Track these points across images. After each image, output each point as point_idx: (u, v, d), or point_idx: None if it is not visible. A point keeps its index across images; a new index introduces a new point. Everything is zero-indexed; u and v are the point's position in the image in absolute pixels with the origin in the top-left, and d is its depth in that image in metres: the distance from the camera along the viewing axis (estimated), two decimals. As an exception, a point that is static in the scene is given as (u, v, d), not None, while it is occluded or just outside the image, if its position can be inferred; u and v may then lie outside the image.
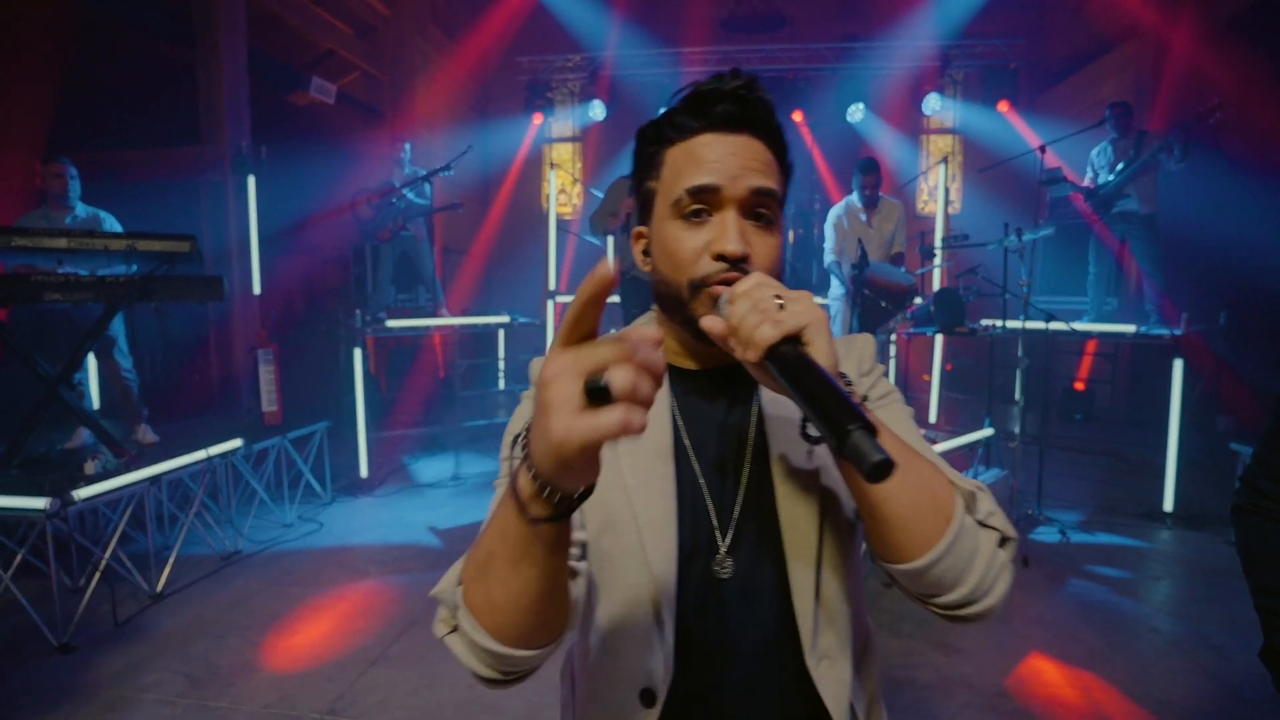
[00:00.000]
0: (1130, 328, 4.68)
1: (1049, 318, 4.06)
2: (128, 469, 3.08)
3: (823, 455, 0.75)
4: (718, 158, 0.71)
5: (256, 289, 5.28)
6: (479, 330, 6.14)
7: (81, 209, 3.86)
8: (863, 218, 4.64)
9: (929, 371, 5.76)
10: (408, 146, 5.85)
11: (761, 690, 0.74)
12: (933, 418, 5.40)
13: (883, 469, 0.51)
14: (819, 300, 4.45)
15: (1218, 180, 5.33)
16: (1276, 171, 5.21)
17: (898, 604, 3.15)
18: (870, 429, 0.52)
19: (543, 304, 5.99)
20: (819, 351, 0.59)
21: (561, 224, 7.64)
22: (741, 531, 0.75)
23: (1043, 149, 4.75)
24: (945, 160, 5.74)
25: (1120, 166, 4.90)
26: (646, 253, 0.79)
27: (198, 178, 5.07)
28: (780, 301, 0.61)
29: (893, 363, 5.52)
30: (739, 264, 0.70)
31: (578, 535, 0.66)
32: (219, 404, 5.11)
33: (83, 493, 2.78)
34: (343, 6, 6.71)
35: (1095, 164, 5.16)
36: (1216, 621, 3.00)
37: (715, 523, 0.75)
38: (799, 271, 5.94)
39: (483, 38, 7.92)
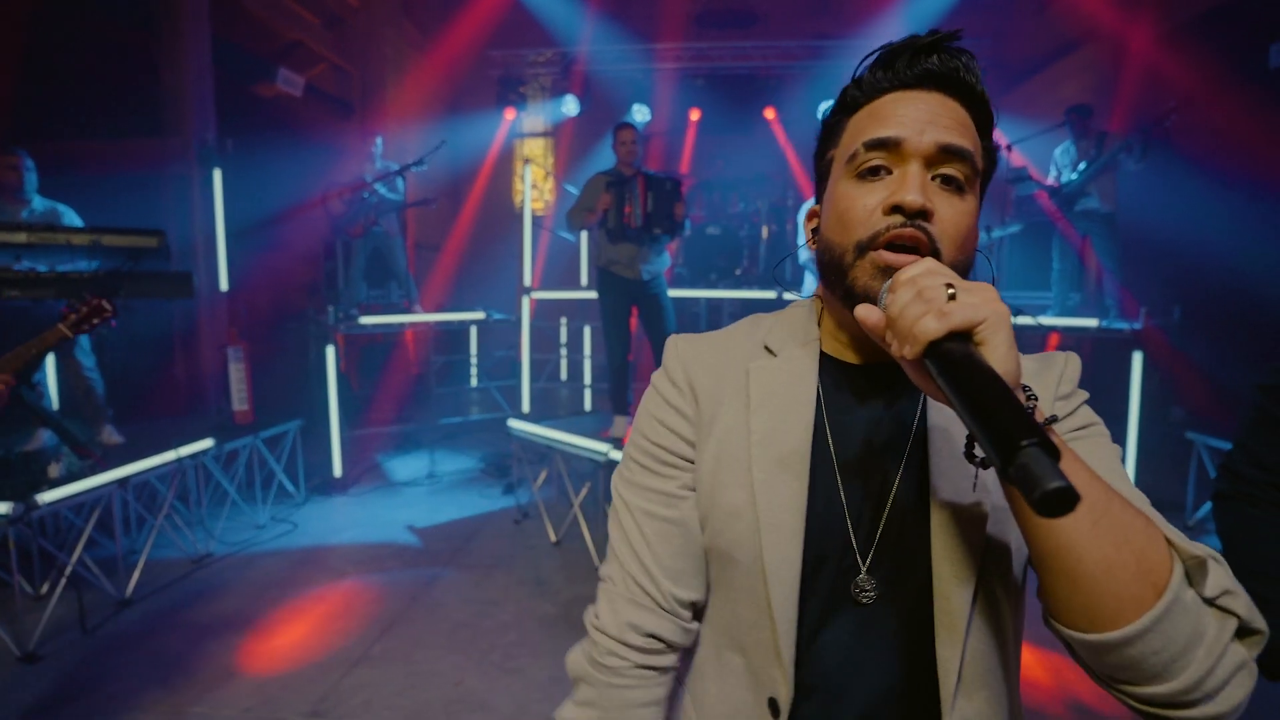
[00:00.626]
0: (1092, 321, 4.84)
1: (1015, 312, 4.17)
2: (93, 471, 2.99)
3: (993, 487, 0.62)
4: (905, 112, 0.62)
5: (224, 285, 5.15)
6: (453, 327, 6.08)
7: (39, 202, 3.72)
8: None
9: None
10: (379, 140, 5.76)
11: (896, 715, 0.65)
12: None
13: (1059, 499, 0.40)
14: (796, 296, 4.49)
15: (1174, 179, 5.53)
16: (1228, 171, 5.43)
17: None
18: (1050, 449, 0.42)
19: (518, 300, 5.95)
20: (994, 354, 0.49)
21: (535, 220, 7.60)
22: (886, 552, 0.64)
23: (1009, 148, 4.88)
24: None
25: (1083, 165, 5.05)
26: (813, 233, 0.69)
27: (161, 171, 4.92)
28: (952, 291, 0.51)
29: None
30: (918, 219, 0.59)
31: (700, 555, 0.70)
32: (187, 404, 4.97)
33: (47, 497, 2.69)
34: (309, -4, 6.57)
35: (1059, 163, 5.31)
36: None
37: (854, 537, 0.65)
38: (771, 266, 6.00)
39: (455, 31, 7.82)
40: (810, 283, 4.75)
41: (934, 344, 0.50)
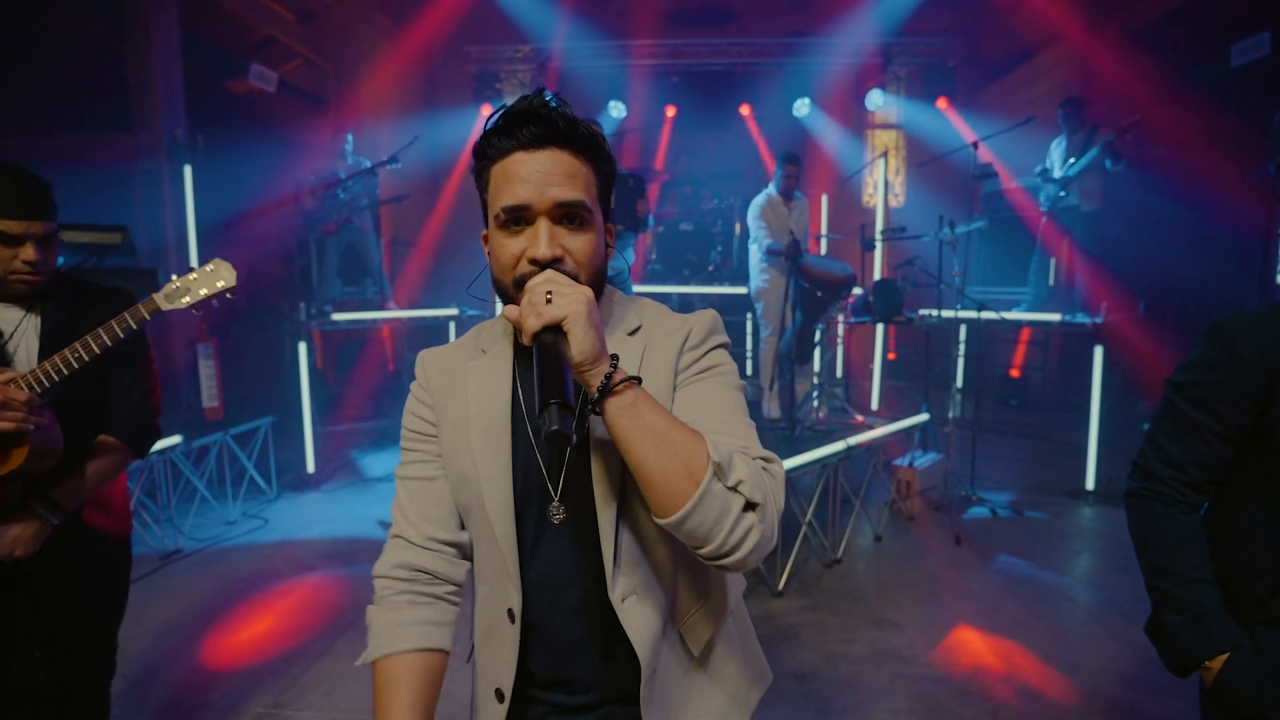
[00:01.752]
0: (1055, 316, 4.94)
1: (980, 307, 4.26)
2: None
3: None
4: (527, 174, 0.80)
5: (194, 282, 5.12)
6: (428, 323, 6.07)
7: (1, 198, 3.69)
8: (784, 209, 4.73)
9: (871, 360, 5.96)
10: (350, 137, 5.74)
11: (588, 617, 0.87)
12: (875, 405, 5.60)
13: (553, 438, 0.67)
14: (755, 284, 4.51)
15: (1139, 178, 5.65)
16: (1192, 169, 5.56)
17: (836, 583, 3.29)
18: (566, 407, 0.68)
19: (491, 297, 5.95)
20: (573, 338, 0.72)
21: (513, 216, 7.59)
22: (570, 484, 0.86)
23: (975, 145, 4.96)
24: (885, 155, 5.92)
25: (1071, 161, 5.13)
26: (490, 253, 0.88)
27: (130, 166, 4.88)
28: (549, 297, 0.73)
29: (840, 349, 5.70)
30: (552, 264, 0.80)
31: (454, 511, 0.92)
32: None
33: None
34: (283, -10, 6.52)
35: (1052, 156, 5.39)
36: (1128, 590, 3.22)
37: (547, 475, 0.87)
38: (744, 262, 6.04)
39: (430, 26, 7.78)
40: (775, 273, 4.74)
41: (536, 334, 0.72)
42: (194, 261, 5.12)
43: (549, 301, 0.73)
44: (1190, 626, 1.09)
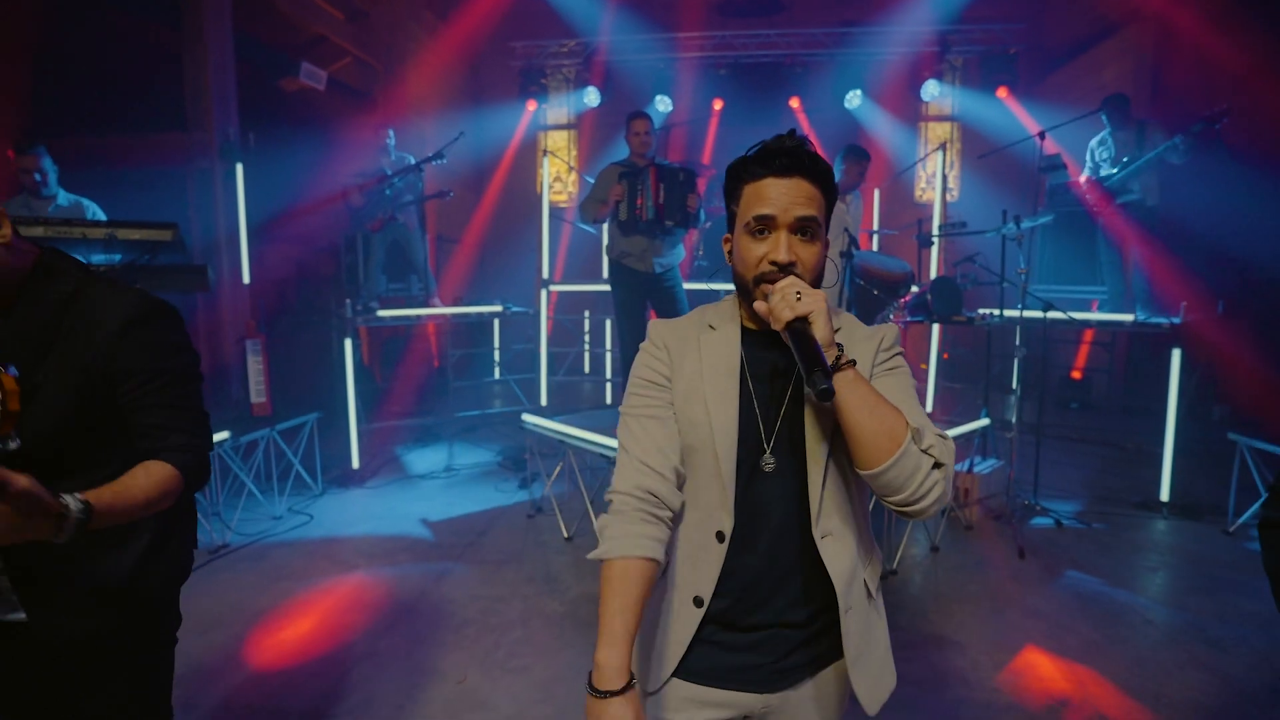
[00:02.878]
0: (1128, 317, 4.64)
1: (1047, 306, 4.01)
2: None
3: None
4: (775, 195, 1.02)
5: (246, 278, 5.21)
6: (472, 320, 6.08)
7: (64, 196, 3.79)
8: (842, 205, 4.56)
9: (926, 360, 5.71)
10: (391, 133, 5.77)
11: (783, 551, 1.06)
12: (929, 407, 5.36)
13: (823, 394, 0.90)
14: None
15: (1216, 169, 5.26)
16: (1274, 160, 5.15)
17: (891, 596, 3.12)
18: (826, 374, 0.91)
19: (537, 293, 5.93)
20: (816, 327, 0.96)
21: (556, 212, 7.56)
22: (780, 439, 1.06)
23: (1042, 135, 4.67)
24: (944, 147, 5.66)
25: (1125, 160, 4.83)
26: (731, 252, 1.11)
27: (184, 165, 4.99)
28: (799, 295, 0.97)
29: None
30: (788, 267, 1.01)
31: (679, 447, 1.07)
32: (208, 396, 5.03)
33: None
34: (333, -10, 6.59)
35: (1096, 154, 5.09)
36: (1211, 613, 2.97)
37: (762, 430, 1.06)
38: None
39: (475, 22, 7.79)
40: (830, 273, 4.57)
41: (788, 323, 0.96)
42: (245, 257, 5.21)
43: (799, 299, 0.96)
44: None
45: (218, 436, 3.62)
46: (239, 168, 5.07)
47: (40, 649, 1.17)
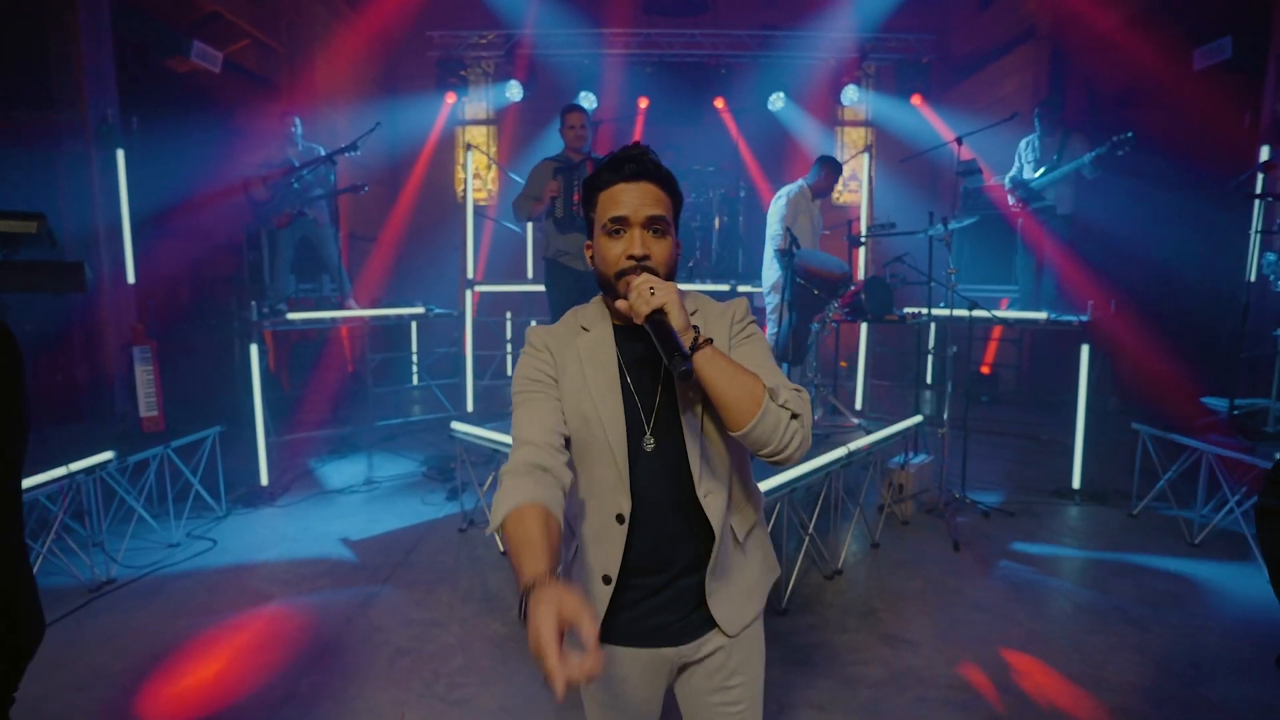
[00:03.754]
0: (1042, 315, 4.88)
1: (973, 305, 4.15)
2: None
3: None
4: (627, 199, 1.15)
5: (130, 278, 4.66)
6: (391, 322, 5.72)
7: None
8: (812, 207, 4.62)
9: (851, 361, 5.84)
10: (298, 121, 5.34)
11: (678, 512, 1.19)
12: (859, 404, 5.48)
13: (684, 375, 1.01)
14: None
15: (1110, 178, 5.66)
16: (1158, 169, 5.60)
17: (839, 597, 3.11)
18: (685, 357, 1.01)
19: (461, 294, 5.64)
20: (672, 316, 1.06)
21: (478, 209, 7.26)
22: (659, 420, 1.19)
23: (958, 141, 4.86)
24: (869, 150, 5.81)
25: (1044, 168, 5.09)
26: (593, 256, 1.22)
27: (50, 148, 4.40)
28: (653, 290, 1.07)
29: (815, 350, 5.55)
30: (643, 260, 1.14)
31: (563, 432, 1.16)
32: (86, 411, 4.47)
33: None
34: (228, -36, 6.03)
35: (1022, 157, 5.33)
36: (1131, 595, 3.13)
37: (643, 415, 1.19)
38: (724, 258, 5.86)
39: (390, 8, 7.36)
40: (774, 271, 4.59)
41: (647, 316, 1.07)
42: (129, 254, 4.66)
43: (653, 294, 1.06)
44: None
45: (99, 458, 3.18)
46: (120, 154, 4.53)
47: None
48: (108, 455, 3.21)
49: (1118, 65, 6.50)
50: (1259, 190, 4.40)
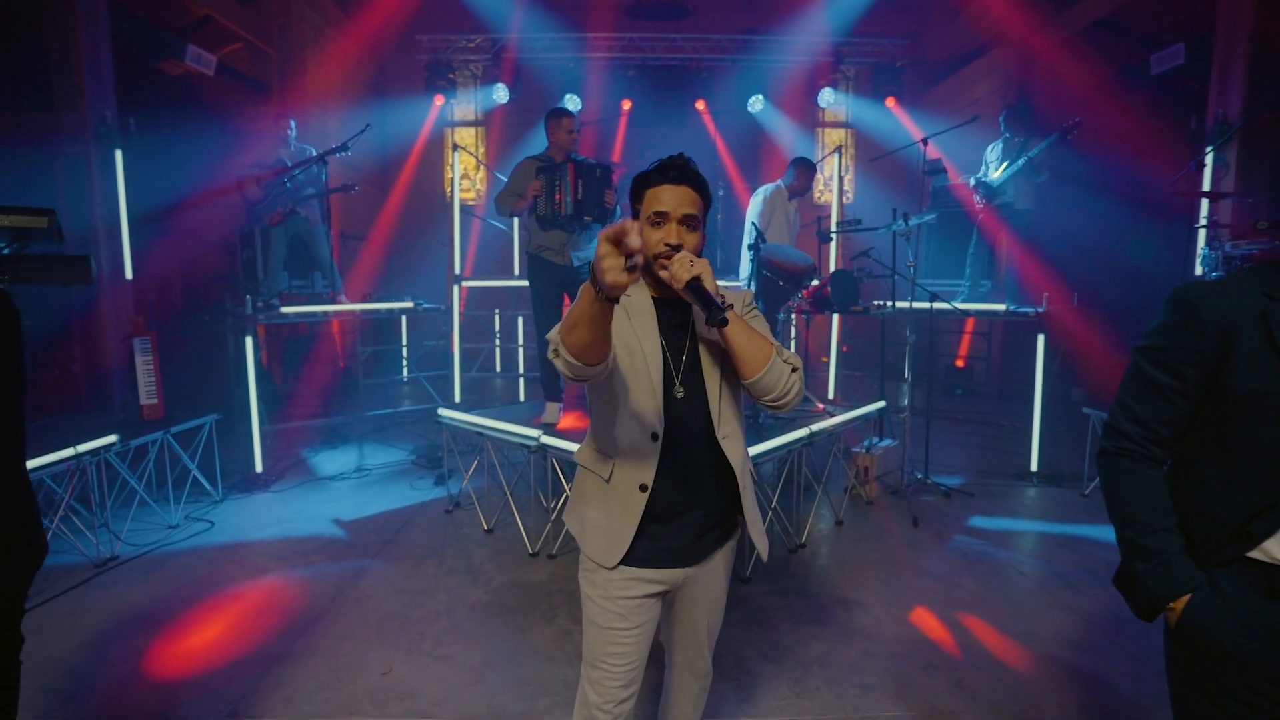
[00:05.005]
0: (1000, 306, 5.13)
1: (933, 298, 4.39)
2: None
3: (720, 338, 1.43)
4: (669, 198, 1.40)
5: (128, 274, 4.83)
6: (381, 317, 5.90)
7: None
8: (789, 205, 4.85)
9: (827, 353, 6.07)
10: (293, 123, 5.52)
11: (702, 453, 1.46)
12: (831, 394, 5.71)
13: (721, 322, 1.24)
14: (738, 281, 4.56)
15: (1071, 175, 5.92)
16: (1117, 168, 5.86)
17: (802, 568, 3.33)
18: (721, 310, 1.24)
19: (449, 289, 5.83)
20: (707, 282, 1.29)
21: (466, 208, 7.45)
22: (686, 373, 1.46)
23: (924, 142, 5.09)
24: (839, 151, 6.05)
25: (1004, 166, 5.35)
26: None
27: (52, 149, 4.57)
28: (692, 261, 1.31)
29: (793, 343, 5.79)
30: (676, 249, 1.37)
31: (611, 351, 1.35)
32: (88, 400, 4.64)
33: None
34: (220, -31, 6.20)
35: (987, 158, 5.59)
36: (1072, 563, 3.37)
37: (673, 367, 1.45)
38: (703, 254, 6.07)
39: (380, 13, 7.54)
40: (748, 264, 4.80)
41: (687, 281, 1.28)
42: (127, 251, 4.83)
43: (692, 264, 1.30)
44: (1156, 572, 1.14)
45: (102, 441, 3.36)
46: (118, 154, 4.70)
47: None
48: (111, 439, 3.39)
49: (1079, 70, 6.77)
50: (1205, 189, 4.68)
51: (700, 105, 7.94)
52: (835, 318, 5.54)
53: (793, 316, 4.19)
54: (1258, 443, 1.08)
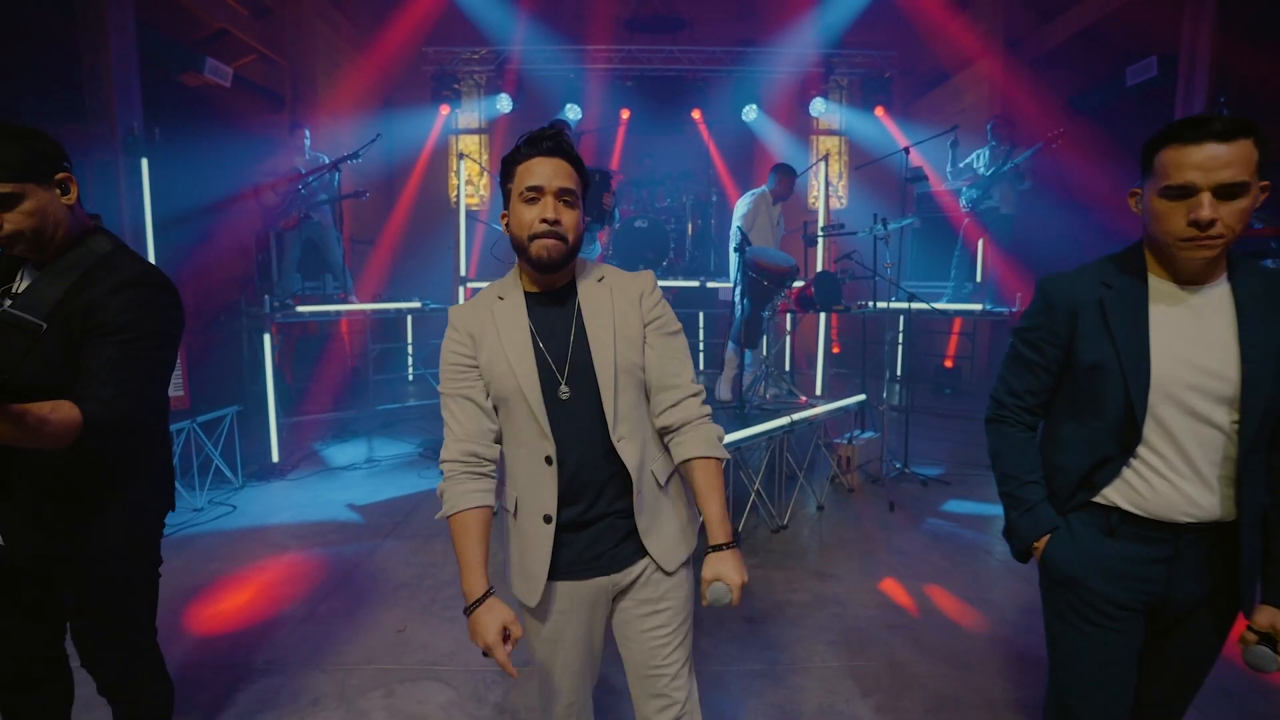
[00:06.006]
0: (978, 306, 5.40)
1: (910, 298, 4.66)
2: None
3: (625, 330, 1.36)
4: (542, 170, 1.29)
5: (152, 275, 5.11)
6: (390, 316, 6.18)
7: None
8: (773, 210, 5.13)
9: (814, 351, 6.34)
10: (307, 133, 5.81)
11: (601, 456, 1.34)
12: (819, 390, 5.97)
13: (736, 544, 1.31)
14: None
15: (1047, 183, 6.20)
16: (1092, 176, 6.14)
17: (782, 546, 3.60)
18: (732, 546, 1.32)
19: (454, 290, 6.12)
20: (732, 581, 1.31)
21: (471, 213, 7.73)
22: (571, 373, 1.34)
23: (907, 150, 5.38)
24: (825, 158, 6.33)
25: (991, 172, 5.63)
26: (507, 225, 1.35)
27: (83, 158, 4.85)
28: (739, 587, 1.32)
29: (789, 340, 6.07)
30: (554, 225, 1.28)
31: (489, 415, 1.36)
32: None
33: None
34: (236, -15, 6.52)
35: (974, 165, 5.87)
36: (1036, 543, 3.62)
37: (554, 369, 1.34)
38: (697, 258, 6.35)
39: (388, 26, 7.86)
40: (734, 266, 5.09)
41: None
42: (151, 254, 5.11)
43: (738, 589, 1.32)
44: (1025, 518, 1.39)
45: (137, 428, 3.64)
46: (144, 162, 4.99)
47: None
48: (145, 426, 3.67)
49: (1060, 82, 7.06)
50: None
51: (696, 115, 8.24)
52: (822, 317, 5.81)
53: (788, 318, 4.45)
54: (1098, 407, 1.32)
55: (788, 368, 6.21)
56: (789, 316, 4.92)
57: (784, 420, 3.72)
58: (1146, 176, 1.26)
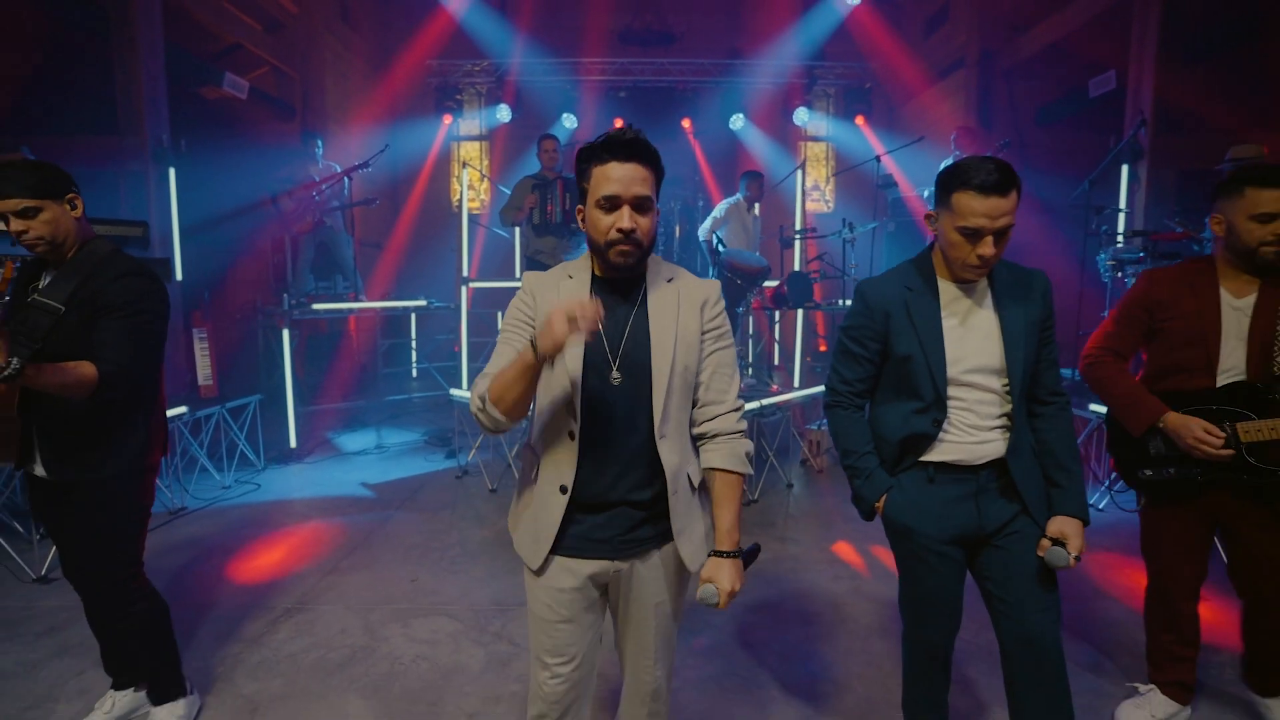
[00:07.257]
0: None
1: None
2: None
3: (685, 335, 1.39)
4: (619, 177, 1.29)
5: (178, 276, 5.54)
6: (397, 313, 6.61)
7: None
8: (747, 215, 5.57)
9: (792, 346, 6.76)
10: (320, 142, 6.23)
11: (635, 446, 1.38)
12: (796, 383, 6.41)
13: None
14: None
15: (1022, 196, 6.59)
16: (1061, 180, 6.56)
17: (751, 517, 4.02)
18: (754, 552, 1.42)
19: (457, 289, 6.54)
20: (726, 585, 1.37)
21: (472, 218, 8.16)
22: (624, 360, 1.37)
23: (879, 158, 5.81)
24: (802, 165, 6.77)
25: None
26: (583, 220, 1.39)
27: (117, 168, 5.27)
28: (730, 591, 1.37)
29: (770, 337, 6.49)
30: (630, 234, 1.30)
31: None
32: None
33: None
34: (250, 1, 6.94)
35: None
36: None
37: (609, 353, 1.37)
38: (683, 260, 6.78)
39: (394, 40, 8.31)
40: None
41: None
42: (177, 257, 5.54)
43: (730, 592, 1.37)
44: (866, 484, 1.69)
45: (175, 411, 4.06)
46: (171, 171, 5.41)
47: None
48: (182, 409, 4.10)
49: (1032, 92, 7.49)
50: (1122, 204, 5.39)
51: (686, 124, 8.68)
52: (800, 316, 6.24)
53: (750, 311, 4.88)
54: (912, 389, 1.61)
55: (776, 362, 6.66)
56: (775, 315, 5.35)
57: (754, 405, 4.14)
58: (942, 207, 1.56)
